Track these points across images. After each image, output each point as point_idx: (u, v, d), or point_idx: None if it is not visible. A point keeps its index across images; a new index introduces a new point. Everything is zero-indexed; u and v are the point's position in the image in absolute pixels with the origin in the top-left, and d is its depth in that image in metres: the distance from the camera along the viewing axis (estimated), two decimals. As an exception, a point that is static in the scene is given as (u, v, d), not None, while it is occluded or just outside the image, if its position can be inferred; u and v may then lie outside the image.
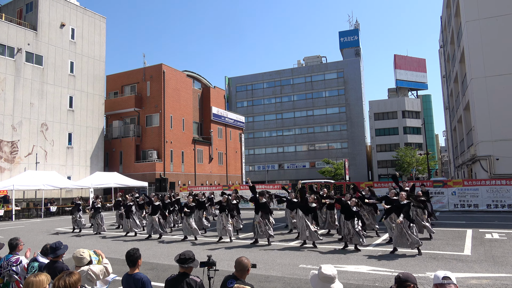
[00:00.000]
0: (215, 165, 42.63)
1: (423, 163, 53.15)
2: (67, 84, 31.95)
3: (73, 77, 32.51)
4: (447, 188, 19.81)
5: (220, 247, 11.07)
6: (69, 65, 32.28)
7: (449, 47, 35.25)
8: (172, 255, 9.87)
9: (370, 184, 21.64)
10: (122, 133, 36.42)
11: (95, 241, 13.24)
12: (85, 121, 33.13)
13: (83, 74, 33.40)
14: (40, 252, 4.80)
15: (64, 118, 31.51)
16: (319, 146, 68.59)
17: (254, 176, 69.13)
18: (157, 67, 35.97)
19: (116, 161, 35.91)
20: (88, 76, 33.83)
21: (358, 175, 61.03)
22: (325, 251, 9.96)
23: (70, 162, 31.65)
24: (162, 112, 34.89)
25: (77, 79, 32.81)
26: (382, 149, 64.48)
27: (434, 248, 9.90)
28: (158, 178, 31.81)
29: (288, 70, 72.22)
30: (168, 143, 35.12)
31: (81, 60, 33.30)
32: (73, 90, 32.41)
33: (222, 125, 44.69)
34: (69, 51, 32.35)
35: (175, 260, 3.66)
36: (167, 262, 9.11)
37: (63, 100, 31.57)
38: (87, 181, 27.28)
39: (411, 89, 74.21)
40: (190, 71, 41.38)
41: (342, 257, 9.13)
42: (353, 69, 67.05)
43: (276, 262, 8.79)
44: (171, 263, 8.88)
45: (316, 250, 10.00)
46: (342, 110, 67.16)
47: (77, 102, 32.66)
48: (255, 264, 3.66)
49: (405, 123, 63.92)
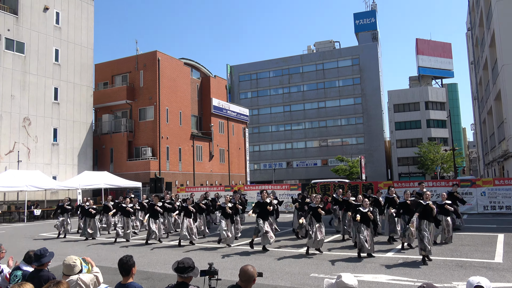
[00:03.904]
0: (216, 163, 42.70)
1: (449, 160, 52.88)
2: (51, 74, 32.07)
3: (58, 66, 32.63)
4: (475, 188, 19.70)
5: (222, 254, 11.12)
6: (53, 53, 32.38)
7: (478, 29, 34.90)
8: (169, 263, 9.92)
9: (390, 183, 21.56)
10: (113, 128, 36.54)
11: (83, 248, 13.33)
12: (71, 115, 33.28)
13: (69, 63, 33.51)
14: (23, 259, 4.83)
15: (48, 111, 31.66)
16: (332, 141, 68.42)
17: (260, 175, 69.23)
18: (151, 55, 36.00)
19: (106, 159, 36.07)
20: (75, 65, 33.94)
21: (375, 173, 60.89)
22: (338, 258, 9.96)
23: (55, 160, 31.84)
24: (157, 105, 34.96)
25: (62, 68, 32.92)
26: (403, 145, 64.20)
27: (461, 255, 9.86)
28: (153, 178, 31.91)
29: (297, 57, 71.96)
30: (164, 139, 35.22)
31: (67, 47, 33.40)
32: (59, 80, 32.54)
33: (224, 119, 44.71)
34: (53, 37, 32.45)
35: (173, 269, 3.66)
36: (163, 271, 9.15)
37: (48, 92, 31.71)
38: (75, 182, 27.42)
39: (435, 77, 73.71)
40: (187, 59, 41.36)
41: (358, 265, 9.12)
42: (370, 55, 66.68)
43: (285, 270, 8.81)
44: (168, 272, 8.93)
45: (328, 258, 10.00)
46: (357, 101, 66.88)
47: (63, 94, 32.79)
48: (262, 273, 3.66)
49: (428, 116, 63.56)
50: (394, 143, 64.87)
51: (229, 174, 44.69)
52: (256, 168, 70.79)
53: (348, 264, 9.24)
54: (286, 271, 8.71)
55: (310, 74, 70.49)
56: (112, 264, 9.83)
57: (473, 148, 76.10)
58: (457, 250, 10.44)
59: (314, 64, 70.57)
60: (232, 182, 43.42)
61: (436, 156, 54.49)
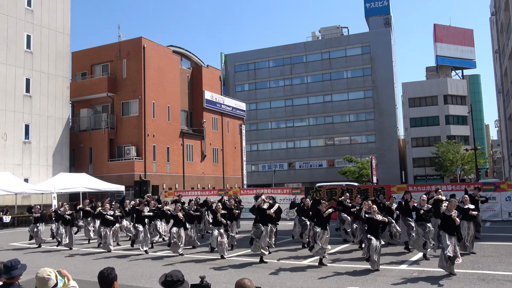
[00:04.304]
0: (209, 164, 42.69)
1: (470, 161, 53.00)
2: (22, 63, 31.98)
3: (30, 54, 32.54)
4: (500, 193, 19.75)
5: (215, 266, 11.13)
6: (25, 39, 32.29)
7: (503, 14, 34.95)
8: (156, 276, 9.92)
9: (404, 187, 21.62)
10: (92, 124, 36.48)
11: (59, 259, 13.33)
12: (45, 109, 33.21)
13: (43, 51, 33.42)
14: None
15: (19, 105, 31.58)
16: (339, 140, 68.50)
17: (258, 178, 69.26)
18: (136, 42, 35.93)
19: (84, 159, 36.03)
20: (49, 53, 33.86)
21: (388, 176, 61.00)
22: (345, 271, 9.99)
23: (27, 160, 31.78)
24: (142, 98, 34.92)
25: (35, 56, 32.84)
26: (419, 144, 64.33)
27: (483, 267, 9.90)
28: (137, 181, 31.84)
29: (300, 44, 71.96)
30: (150, 137, 35.19)
31: (40, 33, 33.30)
32: (31, 70, 32.46)
33: (218, 114, 44.69)
34: (24, 21, 32.35)
35: (160, 283, 3.67)
36: (149, 285, 9.16)
37: (18, 83, 31.63)
38: (49, 185, 27.39)
39: (455, 68, 73.85)
40: (177, 46, 41.33)
41: (368, 278, 9.15)
42: (382, 43, 66.74)
43: (286, 285, 8.83)
44: (155, 287, 8.93)
45: (335, 270, 10.03)
46: (368, 95, 66.96)
47: (36, 85, 32.72)
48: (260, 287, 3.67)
49: (447, 111, 63.71)
50: (409, 142, 64.98)
51: (223, 176, 44.69)
52: (254, 169, 70.82)
53: (357, 278, 9.26)
54: (288, 286, 8.73)
55: (314, 64, 70.49)
56: (92, 278, 9.83)
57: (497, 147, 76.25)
58: (478, 262, 10.47)
59: (319, 53, 70.58)
60: (227, 186, 43.46)
61: (456, 157, 54.61)
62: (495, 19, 42.52)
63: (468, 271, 9.48)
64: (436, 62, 72.50)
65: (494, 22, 44.98)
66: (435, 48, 71.28)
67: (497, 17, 40.92)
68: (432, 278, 8.94)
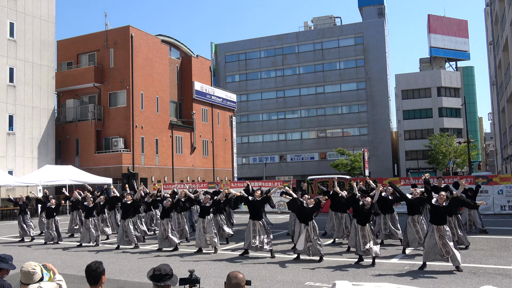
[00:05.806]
0: (198, 156, 42.65)
1: (463, 154, 53.48)
2: (6, 52, 31.63)
3: (13, 43, 32.18)
4: (492, 186, 19.99)
5: (205, 259, 11.17)
6: (8, 27, 31.90)
7: (498, 5, 35.16)
8: (144, 270, 9.93)
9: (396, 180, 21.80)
10: (79, 115, 36.22)
11: (44, 253, 13.30)
12: (30, 100, 32.91)
13: (27, 39, 33.05)
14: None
15: (2, 95, 31.27)
16: (332, 132, 68.70)
17: (249, 171, 69.33)
18: (123, 30, 35.64)
19: (71, 151, 35.81)
20: (34, 41, 33.49)
21: (380, 169, 61.42)
22: (336, 264, 10.08)
23: (11, 152, 31.54)
24: (130, 89, 34.72)
25: (19, 45, 32.48)
26: (412, 136, 64.72)
27: (474, 260, 10.04)
28: (125, 173, 31.80)
29: (292, 34, 71.79)
30: (138, 129, 35.04)
31: (23, 20, 32.90)
32: (14, 59, 32.11)
33: (208, 106, 44.59)
34: (7, 8, 31.94)
35: (148, 277, 3.69)
36: (137, 279, 9.18)
37: (1, 73, 31.29)
38: (34, 177, 27.24)
39: (449, 59, 74.23)
40: (166, 36, 41.05)
41: (359, 272, 9.25)
42: (376, 34, 66.83)
43: (276, 278, 8.89)
44: (143, 280, 8.95)
45: (325, 265, 10.12)
46: (361, 87, 67.11)
47: (20, 75, 32.39)
48: (250, 281, 3.70)
49: (441, 103, 64.10)
50: (402, 135, 65.36)
51: (213, 169, 44.68)
52: (244, 162, 70.86)
53: (348, 272, 9.35)
54: (278, 279, 8.79)
55: (307, 55, 70.43)
56: (78, 272, 9.83)
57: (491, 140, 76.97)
58: (469, 255, 10.62)
59: (311, 43, 70.50)
60: (217, 178, 43.46)
61: (449, 149, 55.06)
62: (490, 10, 42.74)
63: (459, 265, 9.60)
64: (430, 54, 72.78)
65: (488, 13, 45.19)
66: (429, 39, 71.53)
67: (491, 8, 41.13)
68: (424, 272, 9.06)
